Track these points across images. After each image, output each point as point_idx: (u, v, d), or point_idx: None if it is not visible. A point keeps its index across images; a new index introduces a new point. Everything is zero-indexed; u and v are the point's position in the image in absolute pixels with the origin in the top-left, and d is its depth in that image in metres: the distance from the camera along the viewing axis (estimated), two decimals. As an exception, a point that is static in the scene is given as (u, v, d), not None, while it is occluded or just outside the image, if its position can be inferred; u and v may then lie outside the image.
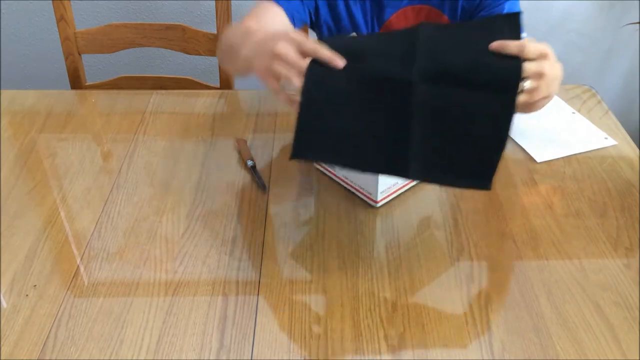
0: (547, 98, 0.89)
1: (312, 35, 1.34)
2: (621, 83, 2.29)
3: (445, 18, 1.25)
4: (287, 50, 0.83)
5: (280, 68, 0.83)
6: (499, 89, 0.81)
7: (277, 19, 1.13)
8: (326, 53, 0.83)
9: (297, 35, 0.85)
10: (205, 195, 1.09)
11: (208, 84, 1.60)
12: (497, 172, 1.13)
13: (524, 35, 1.04)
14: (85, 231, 1.02)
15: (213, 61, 1.61)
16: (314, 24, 1.29)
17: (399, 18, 1.25)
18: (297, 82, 0.82)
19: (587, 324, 0.85)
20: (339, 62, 0.83)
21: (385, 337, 0.84)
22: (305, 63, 0.83)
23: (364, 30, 1.28)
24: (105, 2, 2.05)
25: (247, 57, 0.93)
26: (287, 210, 1.05)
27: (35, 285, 0.92)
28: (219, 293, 0.91)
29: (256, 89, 1.40)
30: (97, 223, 1.04)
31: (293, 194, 1.09)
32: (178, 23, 1.57)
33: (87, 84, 1.62)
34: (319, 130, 0.84)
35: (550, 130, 1.24)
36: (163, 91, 1.40)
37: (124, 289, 0.92)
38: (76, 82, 1.61)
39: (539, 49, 0.84)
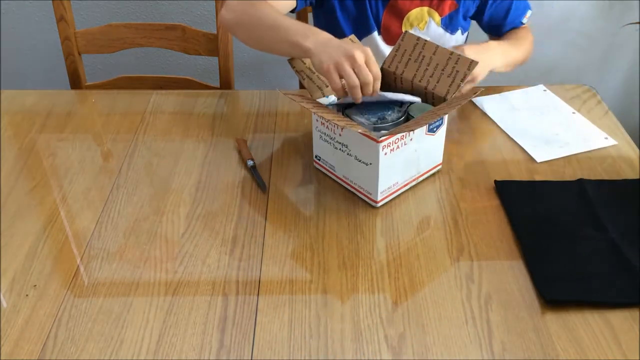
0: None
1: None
2: (621, 83, 2.29)
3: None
4: (361, 58, 0.98)
5: (349, 69, 0.98)
6: None
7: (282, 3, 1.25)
8: (376, 85, 1.00)
9: (369, 50, 1.00)
10: (205, 195, 1.09)
11: (208, 84, 1.60)
12: (497, 172, 1.13)
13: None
14: (85, 231, 1.02)
15: (213, 61, 1.61)
16: (318, 3, 1.33)
17: None
18: (357, 87, 0.99)
19: (587, 324, 0.85)
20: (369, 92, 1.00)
21: (385, 337, 0.84)
22: (368, 74, 0.98)
23: (368, 7, 1.31)
24: (105, 2, 2.05)
25: (308, 49, 1.04)
26: (287, 210, 1.05)
27: (35, 285, 0.92)
28: (219, 293, 0.91)
29: (256, 89, 1.40)
30: (97, 223, 1.04)
31: (293, 194, 1.09)
32: (178, 23, 1.57)
33: (87, 84, 1.62)
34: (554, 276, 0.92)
35: (550, 130, 1.24)
36: (163, 91, 1.40)
37: (124, 289, 0.92)
38: (76, 82, 1.61)
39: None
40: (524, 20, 1.39)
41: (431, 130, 1.05)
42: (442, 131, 1.08)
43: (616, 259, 0.93)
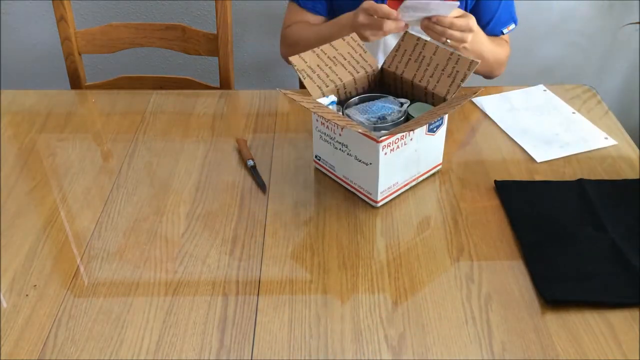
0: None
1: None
2: (621, 83, 2.29)
3: None
4: (364, 20, 1.19)
5: (364, 18, 1.19)
6: None
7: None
8: (389, 15, 1.16)
9: (366, 4, 1.18)
10: (205, 195, 1.09)
11: (208, 84, 1.60)
12: (497, 172, 1.13)
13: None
14: (85, 231, 1.02)
15: (213, 61, 1.61)
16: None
17: None
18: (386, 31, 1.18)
19: (587, 324, 0.85)
20: (394, 14, 1.15)
21: (385, 337, 0.84)
22: (378, 27, 1.17)
23: None
24: (105, 2, 2.05)
25: (345, 24, 1.25)
26: (287, 210, 1.05)
27: (35, 285, 0.92)
28: (219, 293, 0.91)
29: (256, 89, 1.40)
30: (97, 223, 1.04)
31: (293, 194, 1.09)
32: (178, 23, 1.57)
33: (87, 84, 1.62)
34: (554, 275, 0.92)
35: (550, 130, 1.24)
36: (163, 91, 1.40)
37: (124, 289, 0.92)
38: (76, 82, 1.61)
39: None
40: (505, 31, 1.40)
41: (431, 130, 1.05)
42: (442, 131, 1.08)
43: (616, 259, 0.93)
